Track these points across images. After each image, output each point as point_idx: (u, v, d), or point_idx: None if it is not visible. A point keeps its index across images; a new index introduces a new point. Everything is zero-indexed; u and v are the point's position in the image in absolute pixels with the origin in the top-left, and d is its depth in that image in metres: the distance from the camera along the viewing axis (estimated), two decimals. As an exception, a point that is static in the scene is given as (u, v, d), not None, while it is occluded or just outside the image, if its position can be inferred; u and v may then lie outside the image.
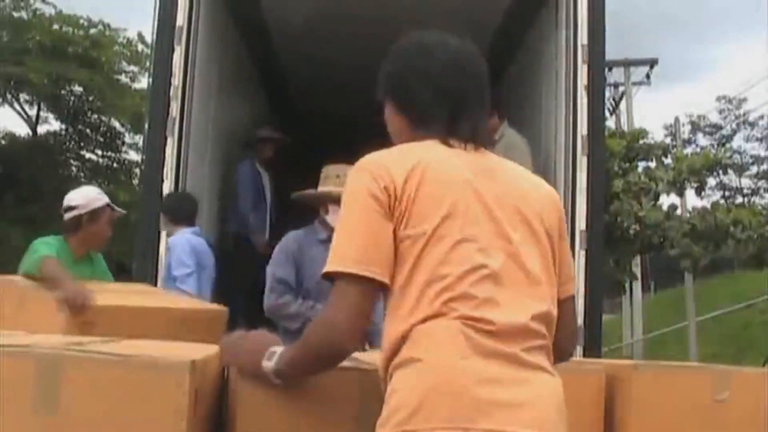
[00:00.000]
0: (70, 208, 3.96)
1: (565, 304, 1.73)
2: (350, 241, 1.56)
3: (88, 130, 16.39)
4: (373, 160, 1.64)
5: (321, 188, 3.80)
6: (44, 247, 3.74)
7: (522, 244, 1.62)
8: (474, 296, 1.52)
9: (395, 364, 1.54)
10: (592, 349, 4.63)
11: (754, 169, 30.40)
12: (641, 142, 11.12)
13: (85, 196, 4.02)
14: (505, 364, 1.51)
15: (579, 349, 4.60)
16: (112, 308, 3.13)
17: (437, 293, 1.52)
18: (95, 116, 16.26)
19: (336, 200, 3.50)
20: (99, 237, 4.01)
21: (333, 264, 1.56)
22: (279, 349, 1.66)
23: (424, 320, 1.52)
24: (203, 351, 1.80)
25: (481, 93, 1.76)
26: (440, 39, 1.78)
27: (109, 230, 4.01)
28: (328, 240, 1.93)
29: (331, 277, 1.57)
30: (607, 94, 15.58)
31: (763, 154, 30.35)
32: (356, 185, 1.60)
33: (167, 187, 4.87)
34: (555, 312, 1.66)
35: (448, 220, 1.55)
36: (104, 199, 4.03)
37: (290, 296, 3.73)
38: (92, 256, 4.07)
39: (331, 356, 1.58)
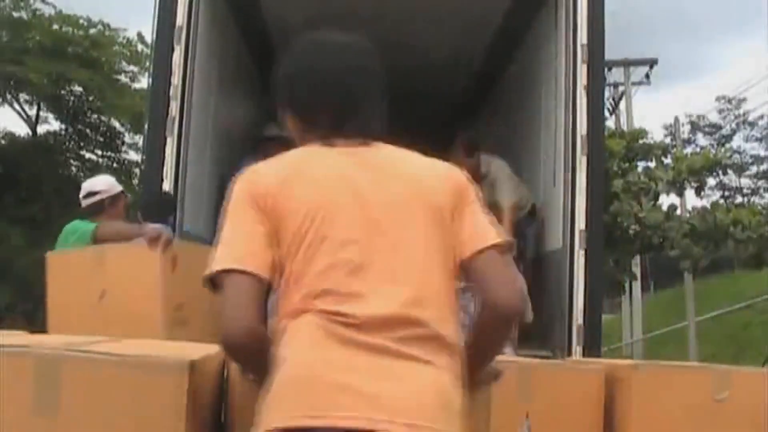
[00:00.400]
0: (92, 194, 4.34)
1: (481, 257, 1.63)
2: (229, 246, 1.59)
3: (88, 130, 16.36)
4: (251, 170, 1.68)
5: None
6: (82, 225, 4.09)
7: (400, 233, 1.60)
8: (336, 292, 1.53)
9: (272, 362, 1.56)
10: (592, 349, 4.63)
11: (753, 169, 30.41)
12: (641, 142, 11.13)
13: (107, 182, 4.49)
14: (369, 354, 1.49)
15: (579, 349, 4.61)
16: (189, 245, 3.62)
17: (302, 293, 1.55)
18: (95, 116, 16.23)
19: None
20: (117, 220, 4.35)
21: (214, 266, 1.58)
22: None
23: (290, 318, 1.55)
24: (202, 351, 1.81)
25: (371, 89, 1.74)
26: (326, 38, 1.78)
27: (124, 215, 4.41)
28: None
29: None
30: (606, 94, 15.59)
31: (762, 154, 30.39)
32: (235, 195, 1.64)
33: (167, 187, 4.87)
34: (443, 291, 1.61)
35: (313, 221, 1.57)
36: (120, 186, 4.54)
37: None
38: None
39: (228, 349, 1.57)
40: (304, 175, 1.62)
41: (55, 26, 14.98)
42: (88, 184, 4.47)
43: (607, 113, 15.07)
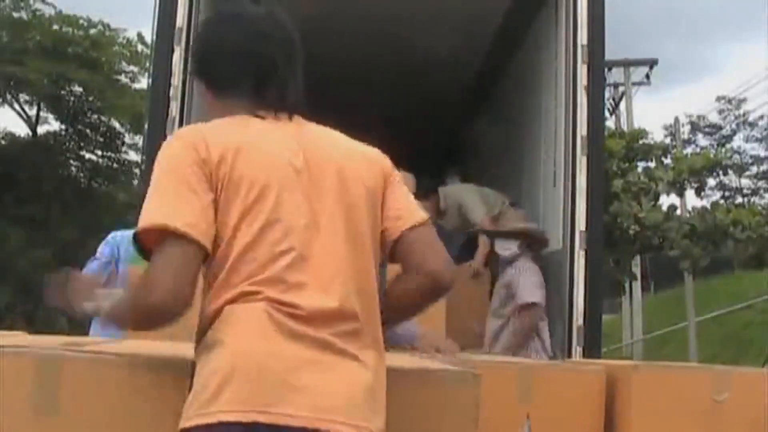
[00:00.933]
0: None
1: (412, 233, 1.68)
2: (171, 204, 1.50)
3: (87, 131, 16.38)
4: (193, 130, 1.63)
5: None
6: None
7: (340, 221, 1.59)
8: (283, 280, 1.51)
9: (203, 344, 1.53)
10: (592, 349, 4.63)
11: (753, 170, 30.40)
12: (641, 142, 11.13)
13: None
14: (311, 348, 1.48)
15: (579, 350, 4.60)
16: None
17: (245, 276, 1.50)
18: (95, 116, 16.24)
19: None
20: None
21: (147, 220, 1.50)
22: (105, 293, 1.65)
23: (232, 302, 1.50)
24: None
25: (290, 59, 1.73)
26: (241, 9, 1.76)
27: None
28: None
29: (140, 244, 1.53)
30: (606, 94, 15.58)
31: (762, 154, 30.37)
32: (175, 151, 1.56)
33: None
34: (374, 279, 1.62)
35: (260, 201, 1.54)
36: None
37: None
38: None
39: (151, 316, 1.51)
40: (252, 149, 1.58)
41: (55, 26, 15.00)
42: None
43: (607, 113, 15.08)
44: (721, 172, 12.44)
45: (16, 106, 16.09)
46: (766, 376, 2.58)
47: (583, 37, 5.09)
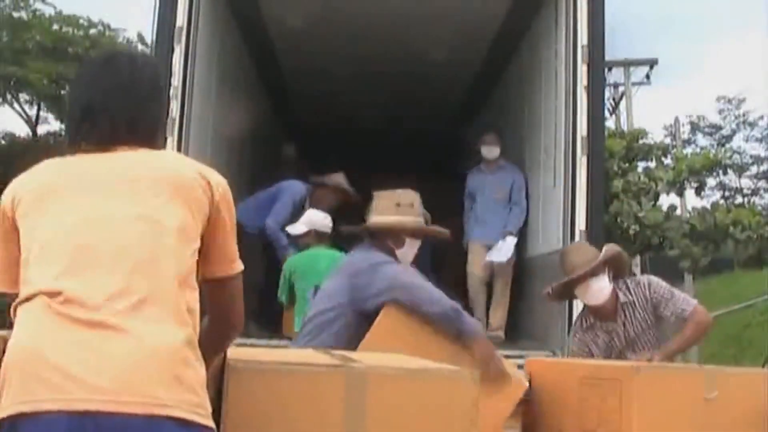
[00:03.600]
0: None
1: (212, 284, 1.76)
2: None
3: (88, 131, 16.38)
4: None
5: (391, 217, 3.23)
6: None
7: (129, 223, 1.63)
8: (54, 276, 1.57)
9: None
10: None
11: (753, 169, 30.39)
12: (641, 142, 11.12)
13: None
14: (86, 333, 1.52)
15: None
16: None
17: (25, 278, 1.61)
18: (95, 116, 16.25)
19: (412, 233, 3.20)
20: None
21: None
22: None
23: (23, 302, 1.59)
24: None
25: (118, 101, 1.78)
26: (96, 57, 1.97)
27: None
28: None
29: None
30: (607, 94, 15.57)
31: (763, 154, 30.33)
32: None
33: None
34: (172, 288, 1.63)
35: (40, 213, 1.65)
36: None
37: None
38: None
39: None
40: (36, 181, 1.73)
41: (55, 26, 14.98)
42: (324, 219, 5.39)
43: (607, 113, 15.06)
44: (721, 172, 12.42)
45: (16, 106, 16.09)
46: (760, 376, 2.65)
47: (583, 37, 5.09)
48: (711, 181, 16.02)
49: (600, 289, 3.44)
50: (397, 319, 2.87)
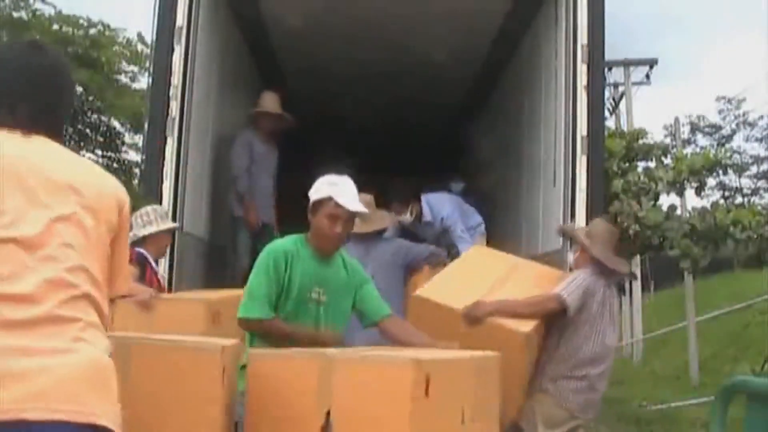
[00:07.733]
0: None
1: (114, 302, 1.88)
2: None
3: (87, 130, 16.37)
4: None
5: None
6: None
7: (62, 222, 1.67)
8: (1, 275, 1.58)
9: None
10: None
11: (753, 169, 30.43)
12: (641, 142, 11.10)
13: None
14: (27, 336, 1.53)
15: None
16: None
17: None
18: (95, 116, 16.23)
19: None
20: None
21: None
22: None
23: None
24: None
25: (33, 88, 1.83)
26: (12, 46, 2.05)
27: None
28: None
29: None
30: (607, 94, 15.58)
31: (762, 154, 30.39)
32: None
33: (167, 187, 4.88)
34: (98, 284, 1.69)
35: None
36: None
37: None
38: None
39: None
40: None
41: (55, 26, 14.97)
42: None
43: (607, 113, 15.06)
44: (721, 172, 12.40)
45: (16, 106, 16.11)
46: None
47: (583, 37, 5.09)
48: (711, 181, 16.01)
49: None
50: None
